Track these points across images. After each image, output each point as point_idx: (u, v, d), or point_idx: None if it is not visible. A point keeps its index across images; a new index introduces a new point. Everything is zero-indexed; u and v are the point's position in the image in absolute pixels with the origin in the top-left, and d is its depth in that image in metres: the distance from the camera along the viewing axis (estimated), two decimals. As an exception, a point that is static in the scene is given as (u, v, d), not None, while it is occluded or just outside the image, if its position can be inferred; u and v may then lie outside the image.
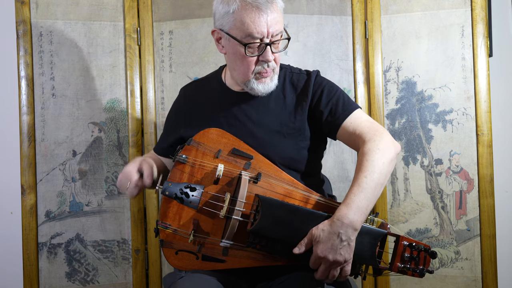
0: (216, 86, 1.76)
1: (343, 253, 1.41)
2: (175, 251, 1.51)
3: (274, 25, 1.55)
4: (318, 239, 1.41)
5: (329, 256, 1.40)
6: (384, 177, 1.50)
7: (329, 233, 1.41)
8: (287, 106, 1.67)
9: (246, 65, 1.60)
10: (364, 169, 1.48)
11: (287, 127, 1.65)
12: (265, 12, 1.53)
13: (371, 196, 1.46)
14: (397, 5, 2.30)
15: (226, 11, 1.56)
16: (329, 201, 1.54)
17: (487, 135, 2.24)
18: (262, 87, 1.63)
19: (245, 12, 1.53)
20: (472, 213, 2.26)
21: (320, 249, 1.41)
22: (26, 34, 2.22)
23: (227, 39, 1.60)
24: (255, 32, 1.53)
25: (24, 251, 2.23)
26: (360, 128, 1.60)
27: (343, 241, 1.40)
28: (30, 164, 2.22)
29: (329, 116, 1.64)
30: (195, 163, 1.54)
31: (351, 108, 1.64)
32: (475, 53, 2.25)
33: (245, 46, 1.55)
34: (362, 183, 1.46)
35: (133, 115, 2.29)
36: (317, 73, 1.71)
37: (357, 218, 1.42)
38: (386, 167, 1.51)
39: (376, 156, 1.50)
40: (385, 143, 1.54)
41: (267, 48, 1.56)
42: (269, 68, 1.61)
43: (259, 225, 1.42)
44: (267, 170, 1.54)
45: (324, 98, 1.65)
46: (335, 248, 1.40)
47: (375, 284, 2.29)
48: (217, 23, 1.61)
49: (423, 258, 1.49)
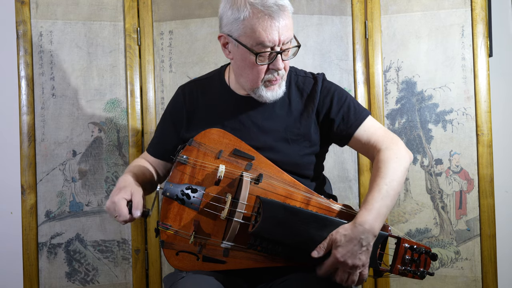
0: (219, 87, 1.71)
1: (362, 258, 1.41)
2: (176, 252, 1.51)
3: (286, 32, 1.50)
4: (338, 243, 1.40)
5: (349, 261, 1.40)
6: (401, 186, 1.52)
7: (350, 238, 1.40)
8: (293, 111, 1.64)
9: (256, 73, 1.55)
10: (384, 176, 1.48)
11: (291, 133, 1.63)
12: (277, 20, 1.47)
13: (390, 203, 1.47)
14: (397, 5, 2.30)
15: (235, 17, 1.49)
16: (331, 202, 1.54)
17: (487, 135, 2.24)
18: (270, 95, 1.59)
19: (257, 20, 1.47)
20: (472, 213, 2.26)
21: (341, 253, 1.40)
22: (26, 34, 2.21)
23: (235, 45, 1.54)
24: (267, 40, 1.48)
25: (24, 251, 2.23)
26: (375, 136, 1.60)
27: (363, 246, 1.40)
28: (30, 164, 2.22)
29: (341, 125, 1.62)
30: (196, 164, 1.53)
31: (363, 115, 1.63)
32: (475, 53, 2.25)
33: (256, 55, 1.50)
34: (382, 190, 1.46)
35: (133, 115, 2.29)
36: (323, 77, 1.69)
37: (377, 224, 1.43)
38: (403, 176, 1.53)
39: (395, 165, 1.51)
40: (401, 152, 1.56)
41: (278, 56, 1.51)
42: (278, 76, 1.57)
43: (260, 227, 1.42)
44: (269, 171, 1.54)
45: (334, 106, 1.63)
46: (355, 253, 1.40)
47: (375, 284, 2.29)
48: (225, 28, 1.55)
49: (424, 260, 1.49)
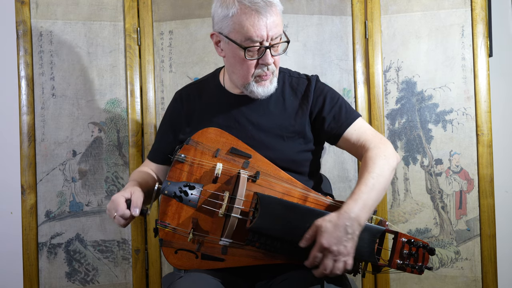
0: (214, 88, 1.75)
1: (347, 245, 1.41)
2: (175, 250, 1.51)
3: (274, 28, 1.54)
4: (323, 229, 1.41)
5: (333, 247, 1.40)
6: (387, 182, 1.54)
7: (336, 224, 1.41)
8: (287, 109, 1.67)
9: (246, 69, 1.59)
10: (371, 171, 1.51)
11: (286, 130, 1.65)
12: (265, 16, 1.52)
13: (376, 197, 1.49)
14: (397, 5, 2.30)
15: (225, 14, 1.55)
16: (328, 199, 1.54)
17: (487, 135, 2.23)
18: (262, 90, 1.63)
19: (245, 16, 1.52)
20: (472, 213, 2.25)
21: (326, 238, 1.40)
22: (26, 34, 2.22)
23: (226, 42, 1.59)
24: (255, 35, 1.53)
25: (24, 251, 2.23)
26: (364, 136, 1.63)
27: (348, 233, 1.41)
28: (30, 164, 2.22)
29: (332, 123, 1.65)
30: (193, 162, 1.54)
31: (354, 116, 1.67)
32: (475, 53, 2.25)
33: (245, 50, 1.54)
34: (369, 183, 1.48)
35: (133, 115, 2.29)
36: (316, 78, 1.73)
37: (363, 214, 1.44)
38: (389, 174, 1.55)
39: (382, 162, 1.54)
40: (389, 152, 1.59)
41: (266, 51, 1.56)
42: (268, 71, 1.61)
43: (257, 223, 1.42)
44: (266, 169, 1.55)
45: (327, 105, 1.66)
46: (340, 240, 1.40)
47: (375, 284, 2.29)
48: (216, 26, 1.60)
49: (422, 255, 1.50)
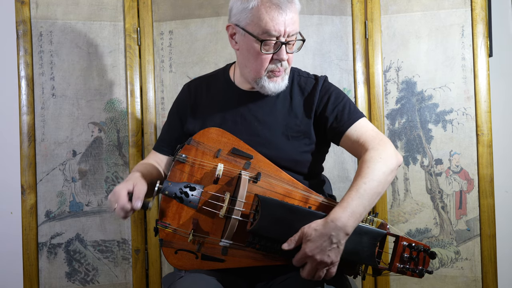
0: (223, 83, 1.75)
1: (331, 255, 1.40)
2: (175, 250, 1.51)
3: (292, 25, 1.55)
4: (308, 238, 1.40)
5: (317, 256, 1.39)
6: (382, 186, 1.49)
7: (320, 234, 1.40)
8: (293, 109, 1.67)
9: (260, 62, 1.59)
10: (364, 176, 1.47)
11: (291, 130, 1.65)
12: (284, 11, 1.53)
13: (367, 203, 1.45)
14: (397, 5, 2.30)
15: (244, 7, 1.56)
16: (329, 201, 1.54)
17: (487, 135, 2.23)
18: (273, 86, 1.63)
19: (265, 9, 1.53)
20: (472, 213, 2.25)
21: (309, 247, 1.40)
22: (26, 34, 2.22)
23: (242, 34, 1.59)
24: (273, 29, 1.54)
25: (24, 251, 2.23)
26: (364, 136, 1.60)
27: (333, 243, 1.40)
28: (30, 164, 2.22)
29: (334, 122, 1.64)
30: (194, 163, 1.54)
31: (357, 116, 1.65)
32: (475, 53, 2.25)
33: (261, 43, 1.55)
34: (360, 189, 1.45)
35: (133, 115, 2.29)
36: (325, 78, 1.72)
37: (350, 223, 1.41)
38: (386, 177, 1.50)
39: (377, 165, 1.50)
40: (387, 153, 1.54)
41: (282, 47, 1.57)
42: (282, 68, 1.61)
43: (258, 225, 1.42)
44: (267, 170, 1.54)
45: (330, 104, 1.66)
46: (324, 249, 1.39)
47: (375, 284, 2.29)
48: (233, 18, 1.61)
49: (423, 259, 1.49)
